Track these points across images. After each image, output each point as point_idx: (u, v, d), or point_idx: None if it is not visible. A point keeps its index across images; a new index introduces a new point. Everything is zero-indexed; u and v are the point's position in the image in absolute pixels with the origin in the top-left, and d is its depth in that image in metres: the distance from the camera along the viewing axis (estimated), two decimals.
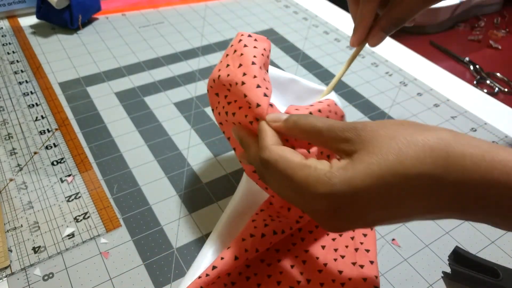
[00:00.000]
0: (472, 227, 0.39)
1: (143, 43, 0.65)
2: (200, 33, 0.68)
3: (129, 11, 0.73)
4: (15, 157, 0.44)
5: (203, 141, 0.48)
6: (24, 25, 0.68)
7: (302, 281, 0.33)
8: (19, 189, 0.41)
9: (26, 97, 0.53)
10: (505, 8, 1.08)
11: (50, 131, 0.48)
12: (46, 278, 0.34)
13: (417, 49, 0.67)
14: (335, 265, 0.34)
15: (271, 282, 0.33)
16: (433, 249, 0.37)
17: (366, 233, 0.36)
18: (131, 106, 0.52)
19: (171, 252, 0.36)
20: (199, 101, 0.54)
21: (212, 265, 0.31)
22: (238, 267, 0.34)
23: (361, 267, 0.33)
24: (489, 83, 0.82)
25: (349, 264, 0.34)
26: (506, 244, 0.38)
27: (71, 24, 0.66)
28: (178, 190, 0.42)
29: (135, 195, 0.41)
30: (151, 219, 0.39)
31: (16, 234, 0.37)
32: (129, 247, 0.37)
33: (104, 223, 0.38)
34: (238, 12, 0.75)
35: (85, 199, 0.40)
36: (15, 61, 0.59)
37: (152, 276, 0.35)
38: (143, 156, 0.45)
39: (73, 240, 0.37)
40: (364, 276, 0.33)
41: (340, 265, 0.34)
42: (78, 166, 0.44)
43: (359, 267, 0.33)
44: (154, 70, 0.59)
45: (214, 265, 0.31)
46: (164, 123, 0.50)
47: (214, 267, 0.31)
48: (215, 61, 0.61)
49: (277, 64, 0.61)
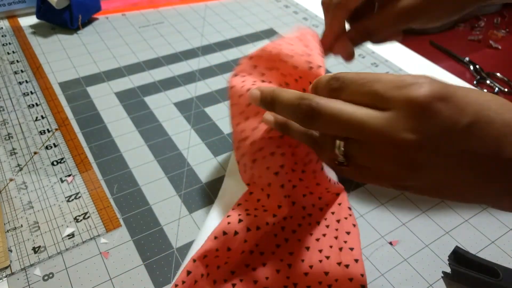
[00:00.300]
0: (472, 227, 0.39)
1: (143, 43, 0.65)
2: (200, 33, 0.68)
3: (129, 11, 0.73)
4: (15, 157, 0.44)
5: (203, 141, 0.48)
6: (24, 25, 0.68)
7: (289, 286, 0.33)
8: (19, 189, 0.41)
9: (26, 97, 0.53)
10: (505, 8, 1.08)
11: (50, 131, 0.48)
12: (46, 278, 0.34)
13: (417, 49, 0.67)
14: (320, 267, 0.34)
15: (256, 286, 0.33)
16: (433, 249, 0.37)
17: (349, 231, 0.36)
18: (131, 106, 0.52)
19: (171, 252, 0.36)
20: (199, 101, 0.54)
21: (186, 270, 0.30)
22: (222, 273, 0.33)
23: (347, 266, 0.33)
24: (489, 83, 0.82)
25: (334, 264, 0.34)
26: (506, 244, 0.38)
27: (71, 24, 0.66)
28: (178, 190, 0.42)
29: (135, 195, 0.41)
30: (151, 219, 0.39)
31: (16, 234, 0.37)
32: (129, 247, 0.37)
33: (104, 223, 0.38)
34: (238, 12, 0.75)
35: (85, 199, 0.40)
36: (15, 61, 0.59)
37: (152, 276, 0.35)
38: (143, 156, 0.45)
39: (73, 240, 0.37)
40: (350, 276, 0.32)
41: (326, 267, 0.34)
42: (78, 166, 0.44)
43: (344, 267, 0.33)
44: (154, 70, 0.59)
45: (188, 270, 0.30)
46: (164, 123, 0.50)
47: (189, 272, 0.30)
48: (215, 61, 0.61)
49: None
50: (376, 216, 0.40)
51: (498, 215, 0.40)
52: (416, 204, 0.41)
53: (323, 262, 0.34)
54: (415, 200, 0.42)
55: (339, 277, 0.33)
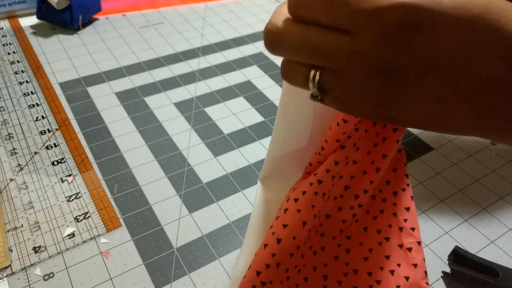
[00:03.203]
0: (472, 227, 0.39)
1: (143, 44, 0.65)
2: (200, 33, 0.68)
3: (130, 12, 0.73)
4: (16, 157, 0.45)
5: (203, 141, 0.48)
6: (25, 25, 0.68)
7: (349, 273, 0.30)
8: (19, 189, 0.41)
9: (27, 97, 0.53)
10: None
11: (50, 131, 0.48)
12: (47, 278, 0.34)
13: None
14: (381, 250, 0.30)
15: (317, 277, 0.30)
16: (433, 249, 0.37)
17: (409, 206, 0.31)
18: (132, 106, 0.52)
19: (171, 252, 0.37)
20: (199, 101, 0.54)
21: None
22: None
23: (409, 250, 0.30)
24: None
25: (395, 247, 0.30)
26: (506, 244, 0.38)
27: (72, 25, 0.66)
28: (178, 190, 0.42)
29: (136, 195, 0.41)
30: (151, 219, 0.39)
31: (16, 234, 0.37)
32: (129, 247, 0.37)
33: (104, 223, 0.38)
34: (238, 12, 0.75)
35: (85, 199, 0.40)
36: (16, 61, 0.59)
37: (152, 275, 0.35)
38: (143, 156, 0.45)
39: (73, 240, 0.37)
40: (413, 261, 0.29)
41: (387, 250, 0.30)
42: (79, 166, 0.44)
43: (406, 250, 0.30)
44: (154, 70, 0.59)
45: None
46: (164, 123, 0.50)
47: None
48: (215, 61, 0.61)
49: (276, 64, 0.61)
50: None
51: (498, 215, 0.40)
52: (416, 204, 0.41)
53: (382, 244, 0.30)
54: (415, 200, 0.42)
55: (402, 262, 0.29)
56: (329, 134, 0.29)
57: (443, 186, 0.43)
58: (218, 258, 0.36)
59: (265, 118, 0.51)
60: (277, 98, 0.55)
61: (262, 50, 0.64)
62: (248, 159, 0.46)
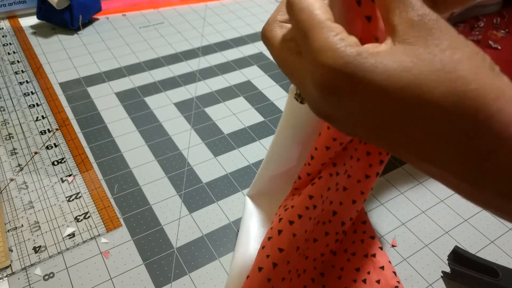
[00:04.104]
0: (472, 227, 0.39)
1: (144, 44, 0.65)
2: (200, 33, 0.68)
3: (130, 12, 0.73)
4: (16, 157, 0.45)
5: (203, 141, 0.48)
6: (25, 25, 0.68)
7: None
8: (19, 189, 0.41)
9: (27, 97, 0.53)
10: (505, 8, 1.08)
11: (50, 131, 0.48)
12: (47, 277, 0.34)
13: None
14: (350, 265, 0.34)
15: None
16: (433, 248, 0.38)
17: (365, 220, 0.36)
18: (132, 106, 0.52)
19: (171, 251, 0.37)
20: (199, 101, 0.54)
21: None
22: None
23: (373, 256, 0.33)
24: None
25: (362, 258, 0.34)
26: (506, 244, 0.38)
27: (72, 25, 0.66)
28: (178, 190, 0.42)
29: (136, 195, 0.41)
30: (152, 219, 0.39)
31: (16, 234, 0.37)
32: (129, 247, 0.37)
33: (104, 223, 0.38)
34: (238, 12, 0.75)
35: (85, 199, 0.41)
36: (16, 62, 0.59)
37: (153, 275, 0.35)
38: (143, 156, 0.45)
39: (73, 239, 0.37)
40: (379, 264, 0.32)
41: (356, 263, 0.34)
42: (79, 166, 0.44)
43: (371, 257, 0.33)
44: (154, 70, 0.59)
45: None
46: (164, 123, 0.50)
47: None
48: (215, 61, 0.61)
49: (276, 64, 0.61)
50: (376, 216, 0.40)
51: None
52: (416, 204, 0.41)
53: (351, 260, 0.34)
54: (415, 200, 0.42)
55: (370, 269, 0.33)
56: (319, 141, 0.30)
57: (443, 186, 0.43)
58: (218, 258, 0.36)
59: (265, 118, 0.52)
60: (277, 98, 0.55)
61: (262, 50, 0.64)
62: (248, 159, 0.46)
